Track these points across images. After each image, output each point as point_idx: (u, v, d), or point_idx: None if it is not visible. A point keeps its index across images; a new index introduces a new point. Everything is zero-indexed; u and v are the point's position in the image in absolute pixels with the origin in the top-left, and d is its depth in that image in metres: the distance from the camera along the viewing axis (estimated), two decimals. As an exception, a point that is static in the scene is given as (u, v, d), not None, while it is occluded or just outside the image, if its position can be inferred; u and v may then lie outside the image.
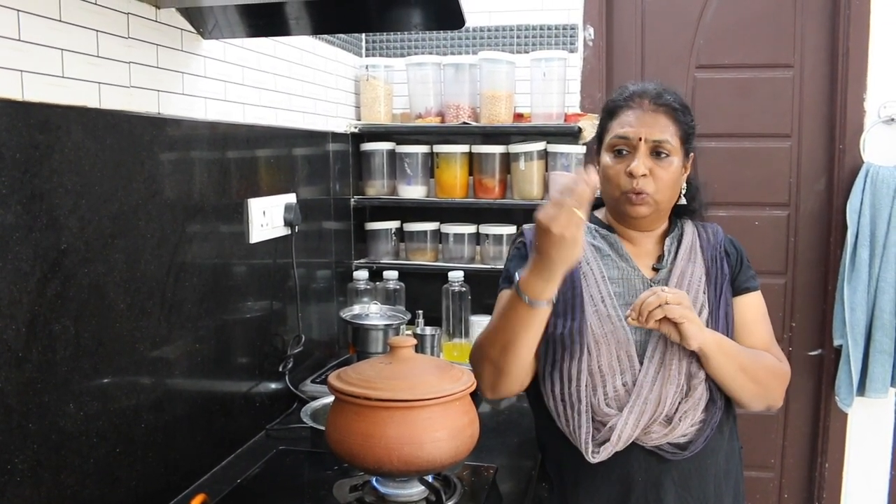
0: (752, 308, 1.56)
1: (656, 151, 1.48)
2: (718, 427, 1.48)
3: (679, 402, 1.43)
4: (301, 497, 1.49)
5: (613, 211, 1.56)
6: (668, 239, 1.57)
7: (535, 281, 1.35)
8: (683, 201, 1.58)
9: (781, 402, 1.55)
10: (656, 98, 1.50)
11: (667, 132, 1.48)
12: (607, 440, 1.41)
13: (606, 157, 1.53)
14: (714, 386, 1.46)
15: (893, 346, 2.38)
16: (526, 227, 1.65)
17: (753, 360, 1.48)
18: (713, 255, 1.55)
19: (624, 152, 1.49)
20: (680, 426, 1.42)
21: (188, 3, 1.46)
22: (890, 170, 2.36)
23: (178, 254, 1.50)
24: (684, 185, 1.57)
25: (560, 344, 1.46)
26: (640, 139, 1.47)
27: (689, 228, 1.59)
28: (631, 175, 1.46)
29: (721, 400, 1.48)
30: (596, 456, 1.42)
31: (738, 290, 1.56)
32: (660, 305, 1.35)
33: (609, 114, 1.56)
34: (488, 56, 2.47)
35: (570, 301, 1.48)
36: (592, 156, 1.63)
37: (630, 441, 1.42)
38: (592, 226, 1.58)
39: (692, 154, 1.56)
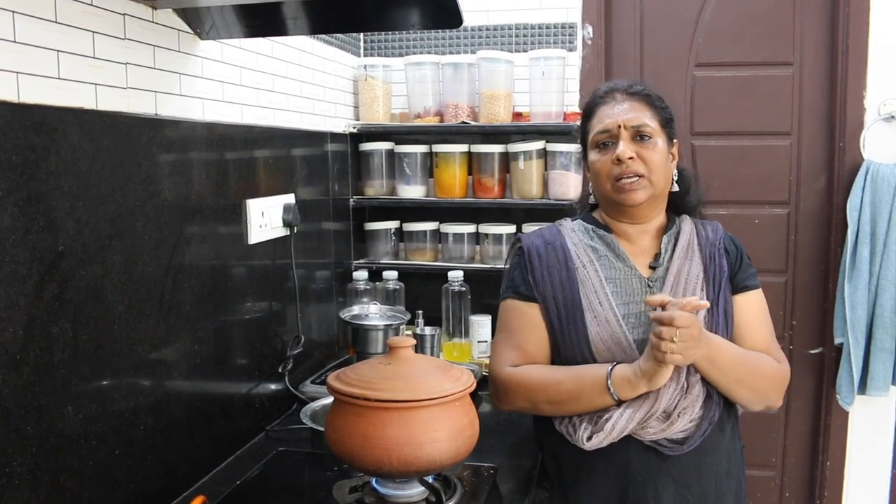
0: (752, 306, 1.56)
1: (639, 135, 1.50)
2: (718, 425, 1.48)
3: (678, 400, 1.43)
4: (301, 498, 1.49)
5: (609, 207, 1.57)
6: (665, 236, 1.57)
7: (630, 389, 1.40)
8: (676, 188, 1.58)
9: (781, 403, 1.55)
10: (628, 89, 1.55)
11: (644, 116, 1.51)
12: (601, 431, 1.42)
13: (593, 154, 1.55)
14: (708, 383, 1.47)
15: (894, 344, 2.38)
16: (523, 232, 1.65)
17: (751, 371, 1.48)
18: (711, 253, 1.55)
19: (608, 144, 1.52)
20: (678, 422, 1.42)
21: (185, 4, 1.45)
22: (890, 167, 2.36)
23: (176, 255, 1.49)
24: (675, 171, 1.58)
25: (566, 350, 1.49)
26: (620, 126, 1.50)
27: (687, 226, 1.59)
28: (619, 161, 1.48)
29: (719, 397, 1.48)
30: (588, 443, 1.43)
31: (737, 289, 1.55)
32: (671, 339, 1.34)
33: (587, 116, 1.59)
34: (487, 55, 2.46)
35: (570, 301, 1.49)
36: (581, 166, 1.65)
37: (624, 433, 1.42)
38: (590, 226, 1.59)
39: (676, 140, 1.58)
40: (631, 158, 1.48)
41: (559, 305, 1.50)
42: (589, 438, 1.43)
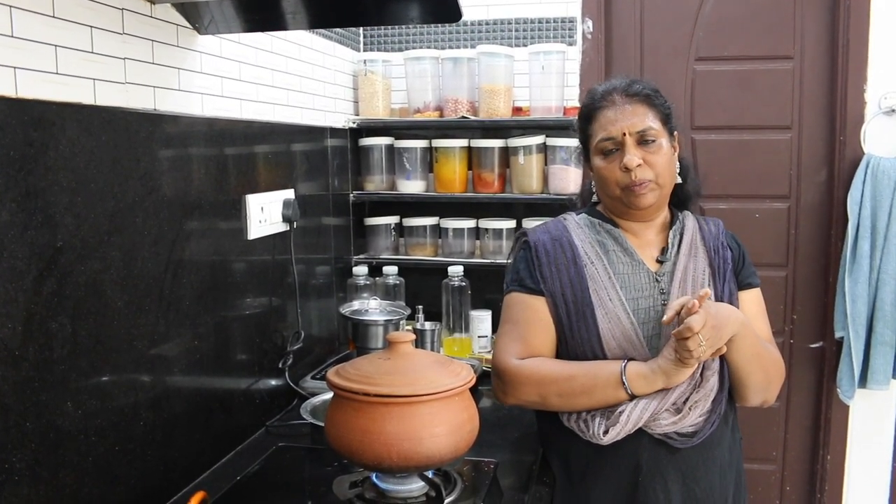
0: (752, 304, 1.57)
1: (643, 140, 1.49)
2: (723, 417, 1.49)
3: (690, 393, 1.44)
4: (301, 494, 1.49)
5: (617, 209, 1.56)
6: (671, 232, 1.57)
7: (645, 385, 1.41)
8: (679, 180, 1.59)
9: (774, 399, 1.56)
10: (626, 90, 1.52)
11: (647, 119, 1.49)
12: (616, 423, 1.42)
13: (597, 160, 1.54)
14: (722, 376, 1.47)
15: (895, 337, 2.38)
16: (527, 226, 1.65)
17: (765, 349, 1.50)
18: (715, 246, 1.56)
19: (613, 151, 1.50)
20: (690, 416, 1.44)
21: (183, -2, 1.45)
22: (891, 161, 2.35)
23: (175, 251, 1.49)
24: (678, 164, 1.58)
25: (576, 346, 1.49)
26: (625, 134, 1.48)
27: (691, 223, 1.59)
28: (626, 169, 1.47)
29: (727, 390, 1.49)
30: (605, 437, 1.43)
31: (740, 286, 1.57)
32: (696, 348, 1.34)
33: (586, 119, 1.57)
34: (486, 50, 2.46)
35: (579, 298, 1.49)
36: (580, 161, 1.64)
37: (639, 424, 1.42)
38: (595, 220, 1.58)
39: (676, 133, 1.57)
40: (639, 166, 1.47)
41: (568, 302, 1.49)
42: (605, 432, 1.43)
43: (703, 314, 1.32)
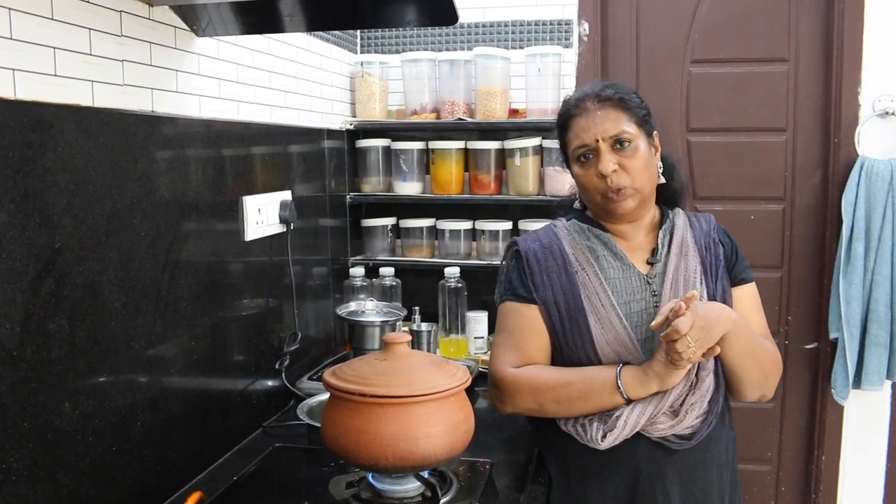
0: (748, 299, 1.57)
1: (618, 143, 1.48)
2: (720, 417, 1.50)
3: (686, 395, 1.44)
4: (297, 494, 1.49)
5: (601, 214, 1.57)
6: (661, 232, 1.57)
7: (640, 388, 1.41)
8: (663, 180, 1.58)
9: (773, 393, 1.56)
10: (597, 96, 1.51)
11: (619, 122, 1.48)
12: (614, 428, 1.43)
13: (575, 168, 1.54)
14: (718, 375, 1.48)
15: (889, 338, 2.39)
16: (518, 235, 1.65)
17: (760, 345, 1.50)
18: (707, 243, 1.56)
19: (589, 157, 1.50)
20: (686, 418, 1.44)
21: (181, 1, 1.45)
22: (885, 163, 2.37)
23: (172, 252, 1.50)
24: (660, 164, 1.58)
25: (570, 353, 1.49)
26: (597, 140, 1.48)
27: (681, 221, 1.59)
28: (602, 175, 1.47)
29: (723, 389, 1.50)
30: (603, 442, 1.43)
31: (734, 282, 1.57)
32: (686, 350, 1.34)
33: (563, 129, 1.57)
34: (483, 52, 2.46)
35: (571, 305, 1.49)
36: (562, 164, 1.64)
37: (637, 428, 1.43)
38: (585, 226, 1.59)
39: (656, 133, 1.56)
40: (614, 171, 1.47)
41: (561, 309, 1.50)
42: (603, 437, 1.43)
43: (690, 316, 1.33)
